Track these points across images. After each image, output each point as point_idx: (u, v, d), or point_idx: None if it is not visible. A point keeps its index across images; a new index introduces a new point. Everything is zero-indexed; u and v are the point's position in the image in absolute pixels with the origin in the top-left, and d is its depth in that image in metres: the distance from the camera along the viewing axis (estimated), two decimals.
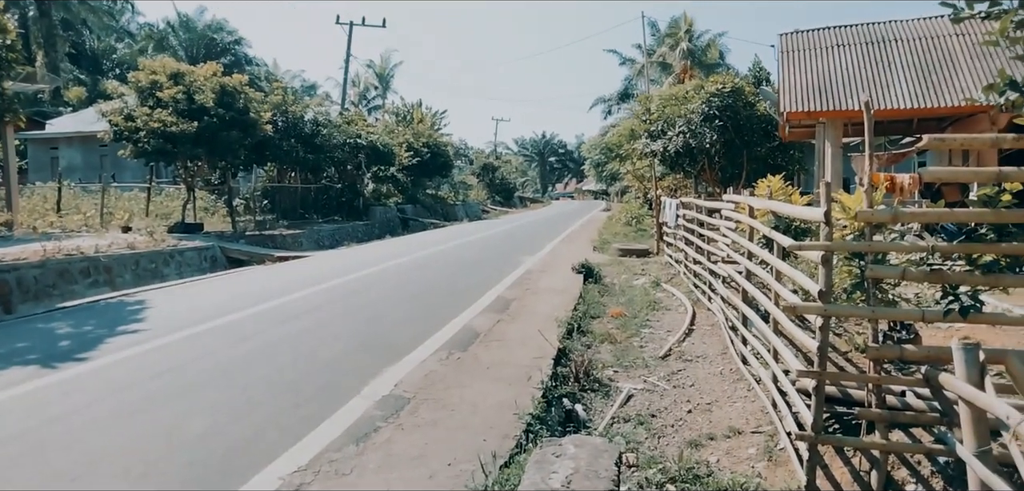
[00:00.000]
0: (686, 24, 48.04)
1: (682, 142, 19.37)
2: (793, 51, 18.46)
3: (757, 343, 6.68)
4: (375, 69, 68.12)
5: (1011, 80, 4.06)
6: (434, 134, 47.57)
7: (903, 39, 17.81)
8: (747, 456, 5.21)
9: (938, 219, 4.43)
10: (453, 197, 53.02)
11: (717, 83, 20.05)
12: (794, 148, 21.95)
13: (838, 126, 16.79)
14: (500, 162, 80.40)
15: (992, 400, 3.21)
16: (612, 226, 31.13)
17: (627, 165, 32.05)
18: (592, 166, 57.06)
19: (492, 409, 5.92)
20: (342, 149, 31.16)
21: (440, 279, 14.49)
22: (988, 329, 6.50)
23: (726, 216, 9.14)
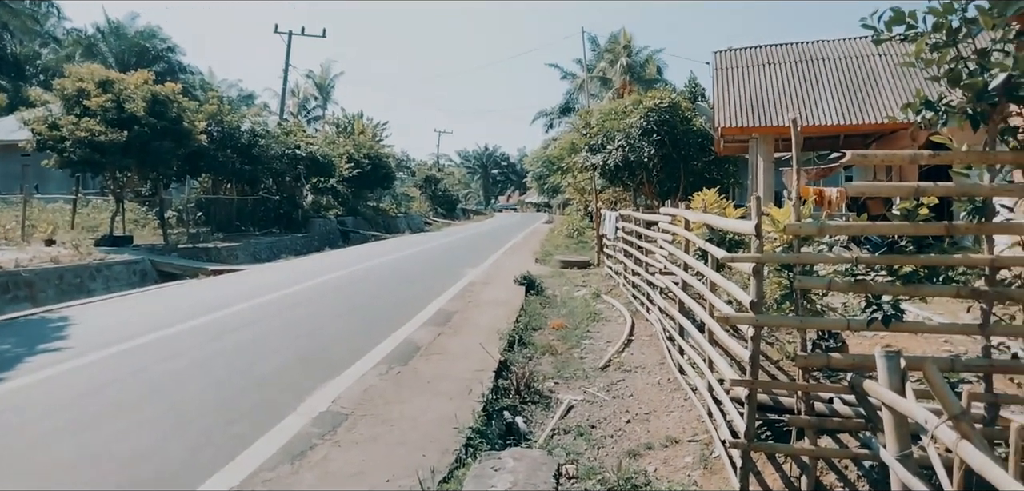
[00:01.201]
0: (625, 40, 48.93)
1: (621, 156, 19.70)
2: (727, 68, 19.01)
3: (693, 353, 6.81)
4: (315, 79, 67.09)
5: (927, 99, 4.27)
6: (375, 145, 47.08)
7: (830, 58, 18.55)
8: (684, 464, 5.29)
9: (862, 232, 4.62)
10: (395, 209, 52.54)
11: (655, 98, 20.48)
12: (729, 162, 22.56)
13: (770, 141, 17.34)
14: (443, 174, 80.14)
15: (912, 405, 3.35)
16: (554, 238, 31.35)
17: (568, 178, 32.36)
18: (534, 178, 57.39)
19: (432, 424, 5.87)
20: (280, 160, 30.56)
21: (381, 292, 14.32)
22: (910, 337, 6.79)
23: (663, 228, 9.32)
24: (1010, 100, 3.95)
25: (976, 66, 4.00)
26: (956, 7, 3.98)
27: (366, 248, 28.63)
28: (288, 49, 41.51)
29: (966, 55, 4.06)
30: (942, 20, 4.03)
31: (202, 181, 29.20)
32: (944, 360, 4.20)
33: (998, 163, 4.14)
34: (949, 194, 4.21)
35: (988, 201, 4.16)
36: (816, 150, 20.35)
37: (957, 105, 4.11)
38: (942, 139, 4.42)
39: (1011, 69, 3.83)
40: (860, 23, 4.25)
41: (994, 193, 4.10)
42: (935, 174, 4.67)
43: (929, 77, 4.21)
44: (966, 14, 4.00)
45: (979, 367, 4.17)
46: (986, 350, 4.23)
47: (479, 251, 25.39)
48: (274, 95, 56.65)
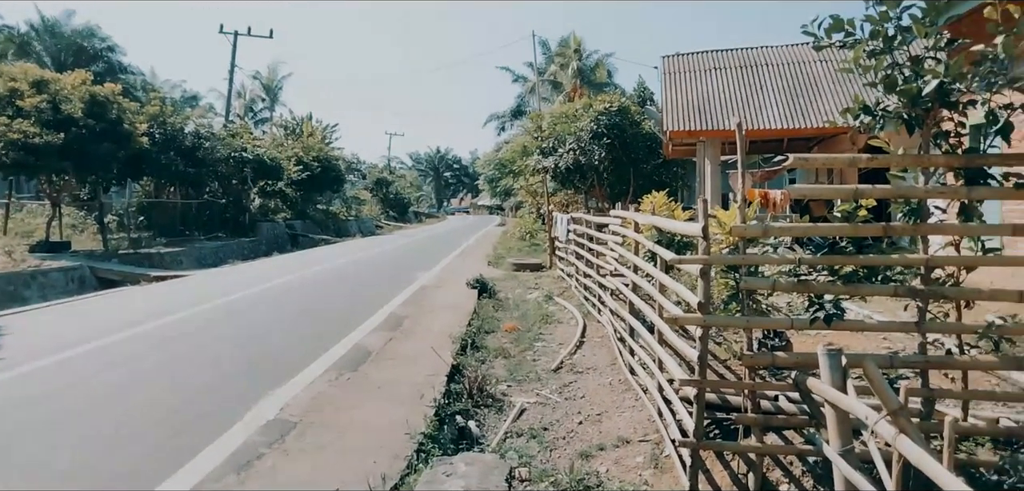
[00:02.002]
0: (575, 44, 49.31)
1: (572, 159, 19.85)
2: (675, 73, 19.33)
3: (644, 354, 6.89)
4: (262, 80, 65.67)
5: (865, 105, 4.41)
6: (325, 148, 46.38)
7: (774, 64, 19.03)
8: (635, 464, 5.34)
9: (804, 233, 4.75)
10: (345, 212, 51.84)
11: (605, 102, 20.71)
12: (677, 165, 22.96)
13: (717, 145, 17.69)
14: (394, 177, 79.44)
15: (853, 402, 3.44)
16: (507, 241, 31.40)
17: (520, 181, 32.50)
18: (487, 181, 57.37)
19: (383, 430, 5.80)
20: (226, 163, 29.88)
21: (331, 297, 14.11)
22: (851, 335, 7.01)
23: (613, 231, 9.41)
24: (942, 105, 4.11)
25: (911, 72, 4.15)
26: (891, 16, 4.12)
27: (316, 252, 28.19)
28: (234, 50, 40.57)
29: (901, 62, 4.20)
30: (878, 28, 4.17)
31: (144, 185, 28.36)
32: (883, 357, 4.33)
33: (932, 166, 4.30)
34: (886, 196, 4.35)
35: (923, 203, 4.32)
36: (761, 153, 20.85)
37: (893, 110, 4.26)
38: (880, 143, 4.58)
39: (943, 75, 3.98)
40: (801, 30, 4.37)
41: (928, 195, 4.26)
42: (874, 177, 4.82)
43: (867, 83, 4.34)
44: (901, 23, 4.15)
45: (916, 363, 4.32)
46: (922, 347, 4.39)
47: (431, 254, 25.25)
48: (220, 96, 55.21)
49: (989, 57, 3.99)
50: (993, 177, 4.28)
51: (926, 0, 4.07)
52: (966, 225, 4.31)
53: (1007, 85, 3.98)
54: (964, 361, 4.37)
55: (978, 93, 4.08)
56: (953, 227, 4.40)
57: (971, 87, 4.07)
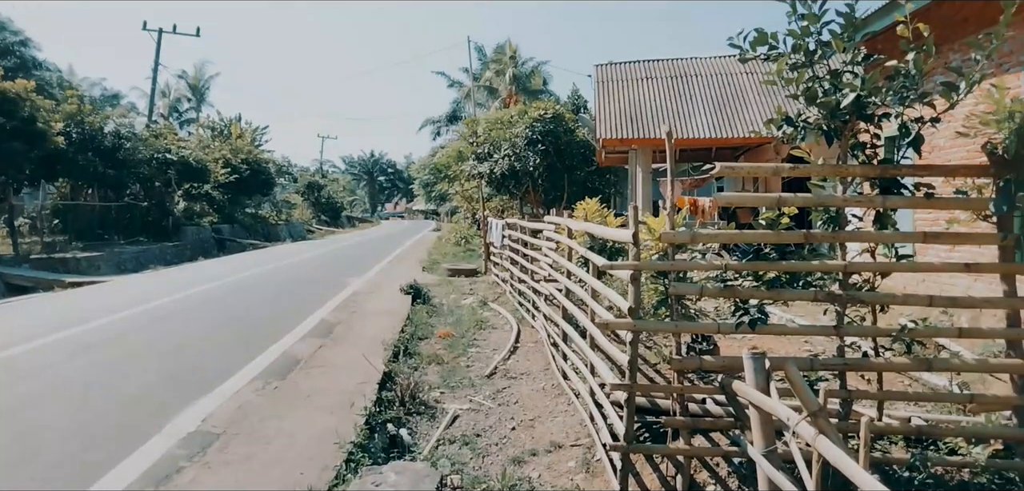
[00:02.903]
0: (511, 51, 49.58)
1: (508, 165, 19.91)
2: (607, 81, 19.63)
3: (576, 359, 6.95)
4: (188, 80, 63.48)
5: (787, 116, 4.56)
6: (254, 150, 45.14)
7: (703, 75, 19.55)
8: (567, 469, 5.37)
9: (730, 240, 4.87)
10: (276, 217, 50.54)
11: (540, 109, 20.86)
12: (610, 172, 23.32)
13: (648, 152, 18.05)
14: (327, 180, 77.94)
15: (775, 403, 3.55)
16: (442, 246, 31.22)
17: (456, 186, 32.40)
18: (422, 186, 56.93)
19: (312, 440, 5.66)
20: (149, 164, 28.73)
21: (258, 303, 13.72)
22: (775, 338, 7.23)
23: (548, 237, 9.47)
24: (859, 118, 4.28)
25: (830, 86, 4.31)
26: (812, 31, 4.27)
27: (244, 257, 27.38)
28: (157, 47, 39.07)
29: (821, 75, 4.36)
30: (800, 42, 4.32)
31: (60, 186, 26.98)
32: (804, 360, 4.48)
33: (849, 176, 4.47)
34: (807, 204, 4.51)
35: (841, 211, 4.50)
36: (691, 162, 21.39)
37: (814, 121, 4.41)
38: (802, 153, 4.74)
39: (859, 89, 4.15)
40: (728, 42, 4.49)
41: (846, 204, 4.43)
42: (797, 185, 4.99)
43: (789, 95, 4.49)
44: (821, 38, 4.30)
45: (834, 365, 4.48)
46: (840, 350, 4.56)
47: (364, 260, 24.88)
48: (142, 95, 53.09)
49: (902, 72, 4.18)
50: (905, 187, 4.48)
51: (844, 17, 4.23)
52: (881, 232, 4.51)
53: (918, 99, 4.18)
54: (879, 363, 4.56)
55: (892, 106, 4.27)
56: (869, 234, 4.59)
57: (885, 101, 4.26)
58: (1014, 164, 4.16)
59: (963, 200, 4.44)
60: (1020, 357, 4.39)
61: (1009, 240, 4.26)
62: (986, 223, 4.43)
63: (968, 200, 4.42)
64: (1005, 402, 4.54)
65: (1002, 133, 4.21)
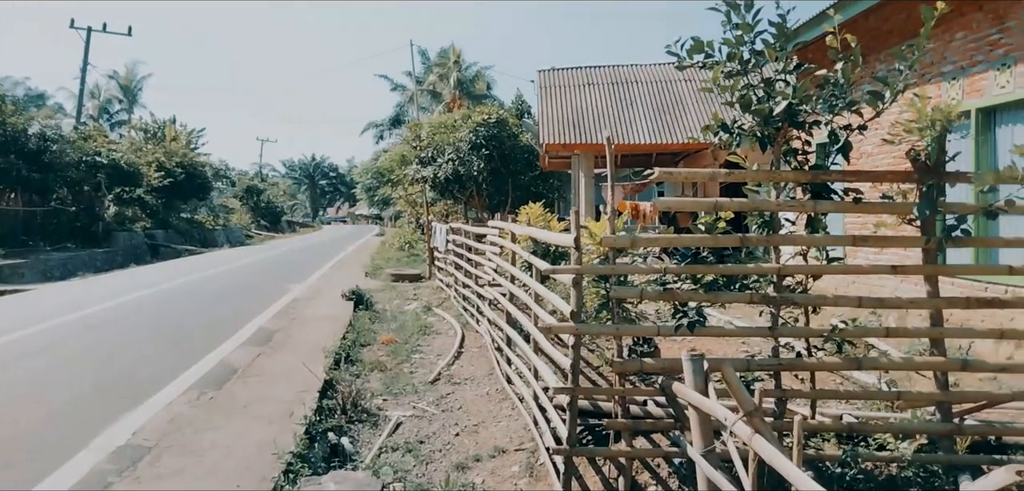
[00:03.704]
0: (455, 55, 49.46)
1: (451, 169, 19.85)
2: (550, 87, 19.77)
3: (520, 363, 6.96)
4: (119, 80, 61.21)
5: (723, 123, 4.67)
6: (190, 153, 43.85)
7: (643, 82, 19.89)
8: (511, 474, 5.36)
9: (668, 243, 4.95)
10: (212, 222, 49.12)
11: (484, 114, 20.87)
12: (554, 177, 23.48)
13: (590, 158, 18.25)
14: (266, 184, 76.22)
15: (713, 404, 3.61)
16: (385, 251, 30.89)
17: (399, 190, 32.11)
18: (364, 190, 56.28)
19: (249, 451, 5.50)
20: (77, 168, 27.56)
21: (194, 311, 13.30)
22: (715, 340, 7.38)
23: (491, 241, 9.47)
24: (791, 125, 4.42)
25: (763, 93, 4.43)
26: (746, 40, 4.38)
27: (179, 263, 26.54)
28: (86, 46, 37.55)
29: (755, 83, 4.48)
30: (735, 51, 4.43)
31: None
32: (740, 361, 4.58)
33: (782, 181, 4.61)
34: (742, 209, 4.62)
35: (775, 215, 4.63)
36: (632, 167, 21.70)
37: (748, 128, 4.53)
38: (737, 159, 4.86)
39: (791, 97, 4.28)
40: (666, 50, 4.57)
41: (779, 208, 4.56)
42: (734, 190, 5.10)
43: (725, 102, 4.60)
44: (754, 47, 4.42)
45: (769, 366, 4.60)
46: (775, 350, 4.68)
47: (305, 265, 24.40)
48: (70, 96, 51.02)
49: (831, 81, 4.33)
50: (835, 192, 4.64)
51: (777, 27, 4.36)
52: (812, 236, 4.66)
53: (846, 107, 4.33)
54: (812, 363, 4.70)
55: (822, 114, 4.42)
56: (801, 238, 4.74)
57: (816, 108, 4.40)
58: (935, 170, 4.35)
59: (889, 204, 4.61)
60: (942, 355, 4.59)
61: (932, 243, 4.44)
62: (911, 227, 4.62)
63: (894, 204, 4.60)
64: (929, 398, 4.73)
65: (924, 140, 4.40)
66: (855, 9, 8.76)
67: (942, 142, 4.34)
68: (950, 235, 4.42)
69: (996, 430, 4.83)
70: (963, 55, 7.94)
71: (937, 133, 4.31)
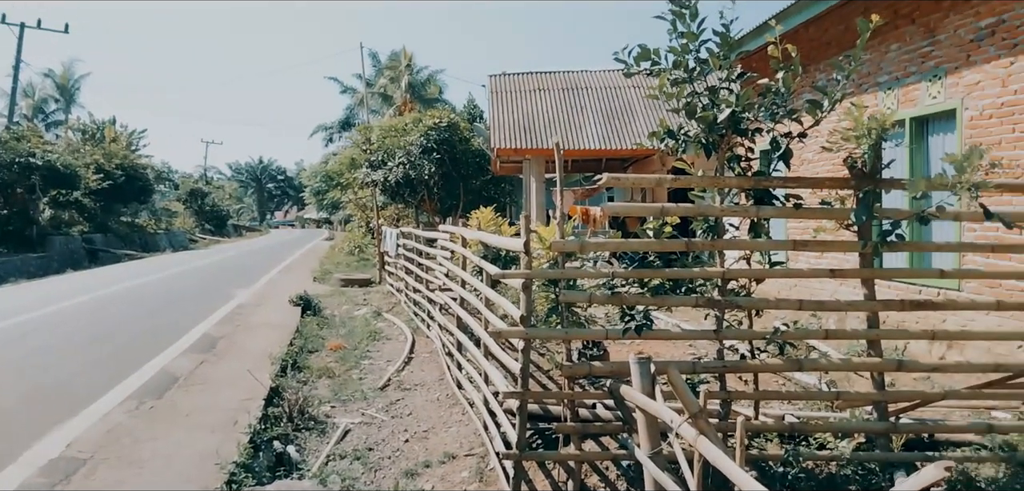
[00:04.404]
0: (406, 58, 49.13)
1: (402, 173, 19.70)
2: (501, 92, 19.83)
3: (471, 368, 6.94)
4: (56, 79, 58.89)
5: (669, 129, 4.75)
6: (131, 155, 42.50)
7: (593, 88, 20.11)
8: (460, 480, 5.34)
9: (616, 248, 5.01)
10: (154, 226, 47.66)
11: (435, 117, 20.78)
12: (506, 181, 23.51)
13: (541, 163, 18.35)
14: (211, 187, 74.30)
15: (660, 406, 3.66)
16: (334, 256, 30.44)
17: (349, 194, 31.70)
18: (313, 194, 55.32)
19: (190, 461, 5.35)
20: (9, 169, 26.44)
21: (134, 318, 12.87)
22: (663, 343, 7.50)
23: (442, 246, 9.43)
24: (735, 132, 4.52)
25: (708, 101, 4.52)
26: (691, 48, 4.47)
27: (119, 269, 25.68)
28: (19, 43, 36.03)
29: (700, 91, 4.57)
30: (680, 59, 4.51)
31: None
32: (686, 364, 4.66)
33: (726, 187, 4.71)
34: (688, 214, 4.70)
35: (719, 220, 4.72)
36: (582, 172, 21.89)
37: (693, 135, 4.62)
38: (684, 165, 4.95)
39: (735, 105, 4.38)
40: (613, 57, 4.62)
41: (724, 213, 4.66)
42: (682, 196, 5.18)
43: (671, 109, 4.68)
44: (699, 55, 4.51)
45: (714, 368, 4.69)
46: (720, 353, 4.78)
47: (251, 270, 23.88)
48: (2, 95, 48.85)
49: (772, 90, 4.45)
50: (777, 198, 4.76)
51: (721, 36, 4.45)
52: (755, 240, 4.77)
53: (787, 115, 4.45)
54: (755, 364, 4.81)
55: (764, 122, 4.53)
56: (744, 242, 4.85)
57: (758, 116, 4.51)
58: (871, 176, 4.50)
59: (828, 210, 4.76)
60: (879, 356, 4.75)
61: (868, 247, 4.60)
62: (849, 231, 4.77)
63: (832, 210, 4.74)
64: (866, 398, 4.89)
65: (861, 148, 4.55)
66: (795, 20, 9.02)
67: (878, 150, 4.50)
68: (885, 240, 4.58)
69: (929, 428, 5.03)
70: (898, 66, 8.25)
71: (873, 141, 4.46)
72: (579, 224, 18.08)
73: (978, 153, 4.25)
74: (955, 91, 7.31)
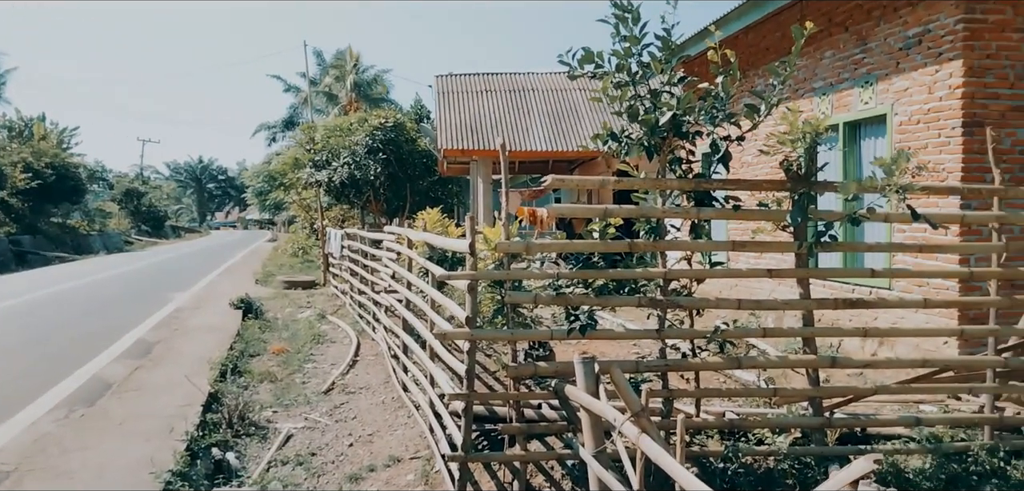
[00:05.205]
0: (352, 58, 48.43)
1: (347, 173, 19.42)
2: (448, 92, 19.77)
3: (417, 370, 6.88)
4: None
5: (612, 132, 4.81)
6: (62, 154, 40.85)
7: (539, 90, 20.21)
8: (405, 483, 5.30)
9: (560, 249, 5.05)
10: (87, 227, 45.89)
11: (380, 117, 20.55)
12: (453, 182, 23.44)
13: (488, 164, 18.35)
14: (148, 188, 71.94)
15: (603, 406, 3.70)
16: (278, 257, 29.84)
17: (292, 194, 31.07)
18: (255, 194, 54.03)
19: (123, 471, 5.16)
20: None
21: (64, 323, 12.36)
22: (608, 343, 7.58)
23: (388, 247, 9.33)
24: (676, 135, 4.60)
25: (650, 104, 4.59)
26: (633, 52, 4.53)
27: (49, 271, 24.63)
28: None
29: (643, 94, 4.64)
30: (623, 62, 4.57)
31: None
32: (630, 363, 4.73)
33: (668, 189, 4.79)
34: (630, 216, 4.76)
35: (661, 222, 4.80)
36: (529, 174, 21.98)
37: (636, 137, 4.68)
38: (627, 167, 5.01)
39: (676, 108, 4.46)
40: (557, 58, 4.65)
41: (665, 215, 4.74)
42: (626, 197, 5.25)
43: (614, 112, 4.74)
44: (642, 59, 4.58)
45: (657, 367, 4.76)
46: (662, 352, 4.85)
47: (190, 273, 23.21)
48: None
49: (712, 94, 4.55)
50: (717, 199, 4.87)
51: (662, 41, 4.53)
52: (696, 241, 4.87)
53: (726, 119, 4.56)
54: (696, 363, 4.91)
55: (704, 125, 4.62)
56: (685, 243, 4.94)
57: (699, 119, 4.61)
58: (806, 179, 4.65)
59: (765, 212, 4.89)
60: (814, 353, 4.90)
61: (803, 248, 4.74)
62: (785, 233, 4.91)
63: (769, 212, 4.88)
64: (803, 394, 5.05)
65: (797, 151, 4.69)
66: (735, 26, 9.24)
67: (812, 153, 4.65)
68: (819, 240, 4.73)
69: (861, 422, 5.21)
70: (832, 73, 8.54)
71: (808, 145, 4.61)
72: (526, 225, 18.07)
73: (905, 157, 4.42)
74: (885, 97, 7.60)
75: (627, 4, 4.46)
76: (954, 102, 6.66)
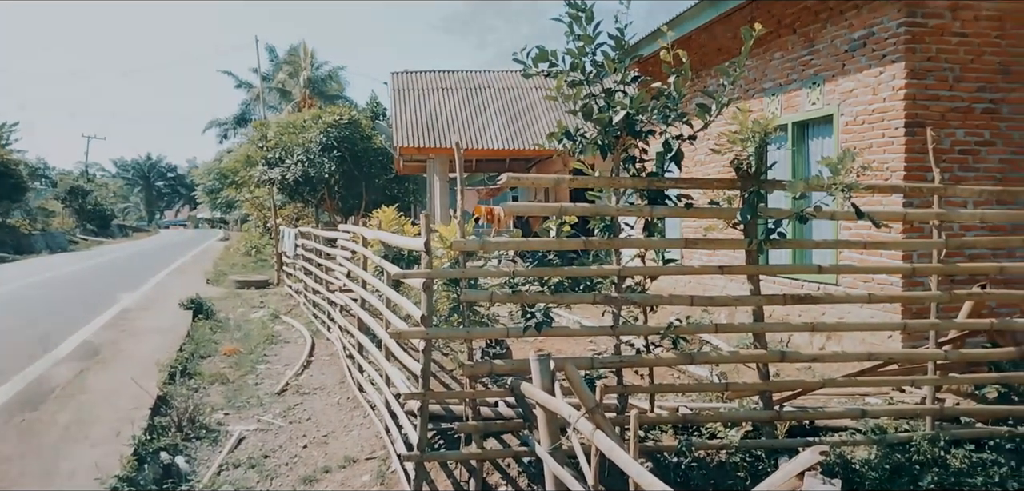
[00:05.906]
0: (307, 54, 47.67)
1: (301, 171, 19.15)
2: (404, 90, 19.62)
3: (372, 370, 6.83)
4: None
5: (566, 130, 4.84)
6: (1, 150, 39.31)
7: (496, 88, 20.21)
8: (361, 483, 5.25)
9: (515, 247, 5.06)
10: (29, 226, 44.26)
11: (335, 114, 20.31)
12: (410, 180, 23.29)
13: (445, 161, 18.27)
14: (94, 185, 69.78)
15: (558, 403, 3.73)
16: (230, 256, 29.25)
17: (245, 192, 30.48)
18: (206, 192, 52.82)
19: (67, 478, 5.01)
20: None
21: (4, 326, 11.92)
22: (564, 340, 7.62)
23: (343, 246, 9.23)
24: (629, 134, 4.65)
25: (604, 103, 4.63)
26: (587, 51, 4.57)
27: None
28: None
29: (597, 93, 4.68)
30: (577, 61, 4.60)
31: None
32: (584, 360, 4.76)
33: (622, 187, 4.84)
34: (585, 214, 4.80)
35: (615, 220, 4.85)
36: (486, 172, 21.96)
37: (590, 136, 4.72)
38: (583, 166, 5.05)
39: (629, 107, 4.51)
40: (512, 57, 4.66)
41: (619, 213, 4.79)
42: (582, 196, 5.29)
43: (569, 110, 4.77)
44: (596, 58, 4.61)
45: (612, 363, 4.81)
46: (617, 348, 4.91)
47: (138, 273, 22.57)
48: None
49: (665, 93, 4.61)
50: (670, 198, 4.94)
51: (615, 40, 4.58)
52: (649, 239, 4.93)
53: (678, 118, 4.63)
54: (650, 359, 4.97)
55: (657, 124, 4.69)
56: (639, 241, 5.00)
57: (652, 118, 4.67)
58: (756, 178, 4.75)
59: (717, 210, 4.98)
60: (764, 348, 5.01)
61: (753, 245, 4.84)
62: (736, 230, 5.01)
63: (721, 210, 4.97)
64: (753, 388, 5.15)
65: (747, 150, 4.79)
66: (688, 27, 9.37)
67: (762, 152, 4.75)
68: (769, 237, 4.84)
69: (810, 414, 5.35)
70: (780, 74, 8.73)
71: (757, 144, 4.71)
72: (484, 223, 18.14)
73: (850, 156, 4.55)
74: (832, 98, 7.81)
75: (581, 4, 4.49)
76: (897, 103, 6.88)
